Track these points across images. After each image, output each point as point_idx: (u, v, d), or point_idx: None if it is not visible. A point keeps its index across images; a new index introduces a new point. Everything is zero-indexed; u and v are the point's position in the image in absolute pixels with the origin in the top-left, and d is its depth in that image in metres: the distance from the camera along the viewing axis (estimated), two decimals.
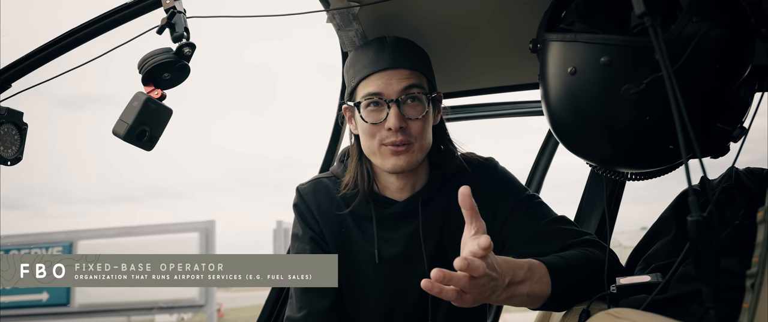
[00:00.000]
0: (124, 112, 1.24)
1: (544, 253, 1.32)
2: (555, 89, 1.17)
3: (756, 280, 0.73)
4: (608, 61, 1.05)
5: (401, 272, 1.44)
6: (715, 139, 1.10)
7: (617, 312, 0.87)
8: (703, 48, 1.00)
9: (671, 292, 1.12)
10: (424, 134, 1.36)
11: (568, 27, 1.15)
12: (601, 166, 1.26)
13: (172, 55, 1.24)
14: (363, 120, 1.36)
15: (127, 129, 1.22)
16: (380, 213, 1.44)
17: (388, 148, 1.34)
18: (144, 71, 1.25)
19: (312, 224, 1.48)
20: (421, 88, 1.35)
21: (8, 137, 1.30)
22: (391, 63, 1.34)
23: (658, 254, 1.30)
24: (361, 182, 1.43)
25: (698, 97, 1.03)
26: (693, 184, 0.90)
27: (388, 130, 1.32)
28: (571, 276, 1.18)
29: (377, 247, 1.43)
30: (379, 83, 1.34)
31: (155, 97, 1.25)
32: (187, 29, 1.27)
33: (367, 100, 1.35)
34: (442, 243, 1.44)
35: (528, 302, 1.14)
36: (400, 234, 1.44)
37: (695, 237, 0.79)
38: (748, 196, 1.21)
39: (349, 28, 1.49)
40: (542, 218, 1.39)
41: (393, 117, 1.31)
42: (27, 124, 1.34)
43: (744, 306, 0.74)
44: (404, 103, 1.33)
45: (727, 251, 1.08)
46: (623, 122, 1.08)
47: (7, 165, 1.32)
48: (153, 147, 1.30)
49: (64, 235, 10.48)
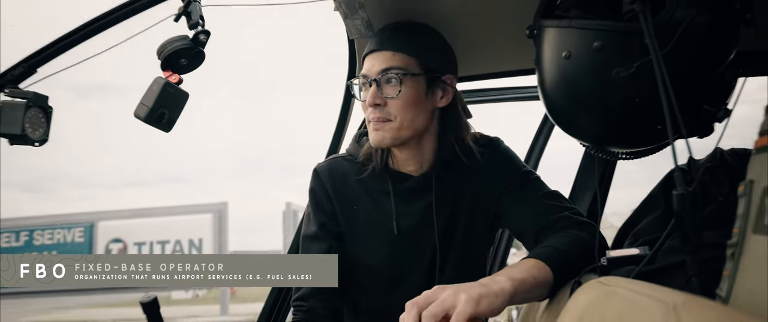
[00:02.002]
0: (144, 96, 1.27)
1: (530, 226, 1.37)
2: (550, 73, 1.17)
3: (736, 249, 0.74)
4: (601, 45, 1.06)
5: (414, 242, 1.47)
6: (701, 120, 1.11)
7: (607, 280, 0.89)
8: (690, 33, 1.01)
9: (658, 263, 1.14)
10: (404, 113, 1.37)
11: (564, 13, 1.16)
12: (594, 146, 1.27)
13: (189, 41, 1.26)
14: (356, 99, 1.45)
15: (148, 111, 1.25)
16: (397, 188, 1.47)
17: (371, 123, 1.39)
18: (162, 57, 1.27)
19: (325, 205, 1.49)
20: (401, 69, 1.36)
21: (35, 120, 1.32)
22: (376, 46, 1.40)
23: (646, 229, 1.32)
24: (375, 155, 1.46)
25: (685, 80, 1.04)
26: (680, 163, 0.92)
27: (369, 107, 1.37)
28: (563, 256, 1.21)
29: (395, 219, 1.46)
30: (367, 65, 1.40)
31: (173, 82, 1.27)
32: (202, 17, 1.28)
33: (359, 81, 1.42)
34: (452, 217, 1.47)
35: (541, 288, 1.15)
36: (414, 207, 1.47)
37: (680, 210, 0.80)
38: (732, 174, 1.22)
39: (355, 16, 1.50)
40: (536, 192, 1.42)
41: (369, 95, 1.37)
42: (52, 108, 1.37)
43: (724, 274, 0.76)
44: (383, 83, 1.37)
45: (710, 225, 1.09)
46: (614, 104, 1.09)
47: (35, 146, 1.35)
48: (171, 128, 1.32)
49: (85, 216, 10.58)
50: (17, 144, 1.32)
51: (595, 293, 0.86)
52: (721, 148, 1.28)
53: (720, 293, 0.76)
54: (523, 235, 1.41)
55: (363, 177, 1.48)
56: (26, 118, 1.29)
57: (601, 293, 0.84)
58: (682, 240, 0.82)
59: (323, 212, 1.49)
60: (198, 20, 1.27)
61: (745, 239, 0.72)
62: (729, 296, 0.72)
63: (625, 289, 0.79)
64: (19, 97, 1.30)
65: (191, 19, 1.27)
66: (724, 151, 1.29)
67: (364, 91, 1.41)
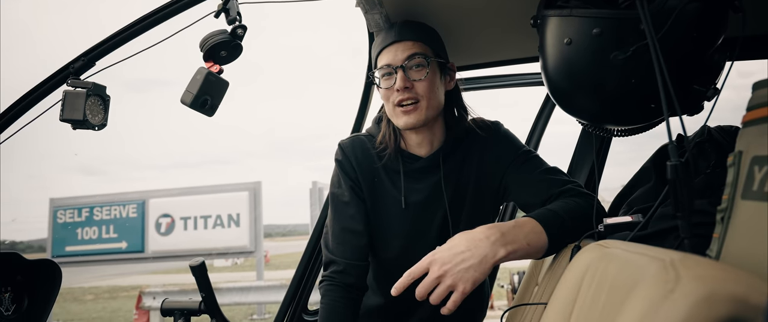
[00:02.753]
0: (189, 84, 1.27)
1: (535, 198, 1.36)
2: (553, 58, 1.16)
3: (725, 214, 0.73)
4: (599, 32, 1.04)
5: (423, 215, 1.47)
6: (691, 99, 1.09)
7: (605, 243, 0.88)
8: (682, 19, 0.99)
9: (650, 229, 1.12)
10: (430, 94, 1.37)
11: (565, 3, 1.14)
12: (592, 124, 1.25)
13: (228, 35, 1.26)
14: (379, 88, 1.41)
15: (193, 98, 1.25)
16: (407, 167, 1.47)
17: (399, 108, 1.37)
18: (204, 49, 1.26)
19: (350, 173, 1.49)
20: (423, 56, 1.36)
21: (95, 107, 1.33)
22: (396, 37, 1.38)
23: (639, 199, 1.30)
24: (389, 140, 1.45)
25: (677, 62, 1.02)
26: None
27: (396, 91, 1.35)
28: (560, 223, 1.20)
29: (404, 195, 1.45)
30: (388, 55, 1.38)
31: (215, 72, 1.27)
32: (239, 13, 1.28)
33: (381, 71, 1.40)
34: (458, 192, 1.47)
35: (532, 252, 1.16)
36: (424, 185, 1.46)
37: (674, 178, 0.79)
38: (718, 149, 1.20)
39: (374, 11, 1.48)
40: (536, 168, 1.41)
41: (399, 80, 1.35)
42: (109, 96, 1.38)
43: (714, 236, 0.75)
44: (409, 68, 1.36)
45: (699, 195, 1.08)
46: (612, 85, 1.07)
47: (95, 130, 1.36)
48: (214, 113, 1.32)
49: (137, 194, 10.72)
50: (79, 128, 1.33)
51: (595, 254, 0.85)
52: (709, 125, 1.26)
53: (710, 254, 0.75)
54: (530, 207, 1.40)
55: (381, 157, 1.47)
56: (87, 105, 1.30)
57: (600, 254, 0.83)
58: (674, 206, 0.81)
59: (350, 178, 1.49)
60: (235, 16, 1.26)
61: (734, 204, 0.71)
62: (718, 255, 0.71)
63: (622, 250, 0.78)
64: (80, 87, 1.31)
65: (229, 15, 1.26)
66: (711, 127, 1.26)
67: (387, 79, 1.39)
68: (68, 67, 1.33)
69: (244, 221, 10.17)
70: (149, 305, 8.38)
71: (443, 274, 1.08)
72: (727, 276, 0.47)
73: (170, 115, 38.92)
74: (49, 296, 1.60)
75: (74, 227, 10.52)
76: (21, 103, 1.36)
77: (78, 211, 10.61)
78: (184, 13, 1.35)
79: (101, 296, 14.40)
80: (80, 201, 10.77)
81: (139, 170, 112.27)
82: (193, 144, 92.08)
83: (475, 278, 1.08)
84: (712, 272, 0.47)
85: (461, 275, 1.07)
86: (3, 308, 1.52)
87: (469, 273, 1.08)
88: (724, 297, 0.44)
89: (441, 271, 1.09)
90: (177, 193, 10.78)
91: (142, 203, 10.50)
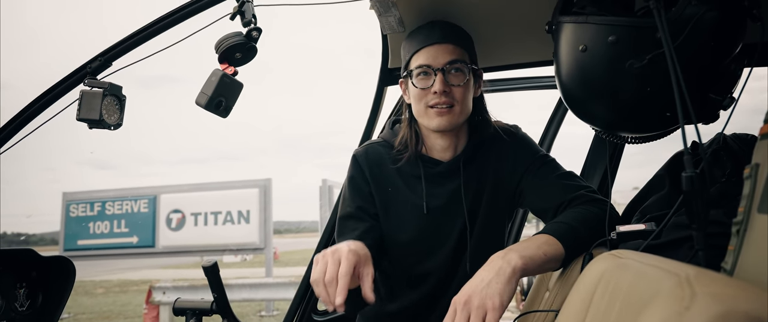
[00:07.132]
0: (204, 86, 1.27)
1: (549, 203, 1.37)
2: (567, 65, 1.15)
3: (741, 226, 0.72)
4: (615, 39, 1.03)
5: (442, 220, 1.46)
6: (707, 108, 1.08)
7: (618, 253, 0.88)
8: (700, 28, 0.98)
9: (664, 238, 1.12)
10: (464, 100, 1.37)
11: (580, 10, 1.13)
12: (605, 130, 1.24)
13: (243, 37, 1.27)
14: (414, 86, 1.38)
15: (208, 99, 1.26)
16: (428, 172, 1.46)
17: (434, 109, 1.36)
18: (220, 51, 1.27)
19: (363, 188, 1.47)
20: (463, 61, 1.37)
21: (111, 107, 1.34)
22: (439, 39, 1.37)
23: (653, 207, 1.29)
24: (411, 143, 1.45)
25: (694, 70, 1.01)
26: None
27: (434, 93, 1.35)
28: (573, 232, 1.20)
29: (425, 200, 1.45)
30: (428, 56, 1.37)
31: (229, 73, 1.28)
32: (254, 16, 1.28)
33: (418, 70, 1.38)
34: (478, 197, 1.46)
35: (549, 261, 1.15)
36: (444, 189, 1.46)
37: (689, 190, 0.78)
38: (733, 157, 1.19)
39: (389, 13, 1.49)
40: (551, 173, 1.42)
41: (438, 83, 1.34)
42: (125, 96, 1.39)
43: (730, 248, 0.74)
44: (448, 73, 1.35)
45: (714, 204, 1.07)
46: (627, 93, 1.06)
47: (111, 129, 1.37)
48: (228, 115, 1.33)
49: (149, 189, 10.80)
50: (95, 128, 1.34)
51: (609, 264, 0.85)
52: (724, 133, 1.25)
53: (725, 266, 0.74)
54: (543, 212, 1.40)
55: (397, 161, 1.46)
56: (103, 105, 1.32)
57: (614, 264, 0.83)
58: (689, 217, 0.80)
59: (361, 196, 1.47)
60: (251, 19, 1.27)
61: (750, 218, 0.70)
62: (733, 269, 0.71)
63: (637, 261, 0.77)
64: (97, 86, 1.32)
65: (245, 18, 1.27)
66: (726, 135, 1.25)
67: (423, 79, 1.37)
68: (85, 67, 1.35)
69: (254, 217, 10.21)
70: (159, 300, 8.43)
71: (468, 299, 1.04)
72: (743, 294, 0.47)
73: (180, 111, 39.03)
74: (63, 292, 1.63)
75: (86, 221, 10.62)
76: (38, 102, 1.38)
77: (90, 205, 10.72)
78: (200, 15, 1.36)
79: (111, 289, 14.52)
80: (93, 195, 10.87)
81: (149, 165, 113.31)
82: (203, 140, 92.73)
83: (500, 290, 1.04)
84: (727, 290, 0.47)
85: (485, 293, 1.03)
86: (18, 303, 1.55)
87: (491, 288, 1.04)
88: (739, 315, 0.44)
89: (465, 297, 1.05)
90: (188, 189, 10.84)
91: (153, 199, 10.57)
